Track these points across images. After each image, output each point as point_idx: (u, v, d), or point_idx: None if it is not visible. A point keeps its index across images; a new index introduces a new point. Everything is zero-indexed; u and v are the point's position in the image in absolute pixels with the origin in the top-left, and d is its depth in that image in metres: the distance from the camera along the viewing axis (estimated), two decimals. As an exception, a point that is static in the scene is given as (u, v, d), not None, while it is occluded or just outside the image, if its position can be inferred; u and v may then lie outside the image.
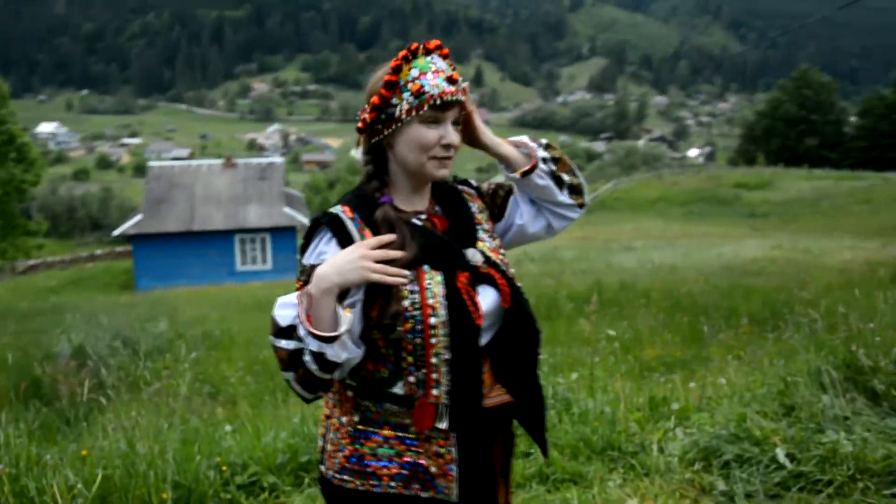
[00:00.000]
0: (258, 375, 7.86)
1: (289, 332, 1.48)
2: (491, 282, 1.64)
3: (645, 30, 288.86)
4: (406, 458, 1.57)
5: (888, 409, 3.94)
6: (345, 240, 1.56)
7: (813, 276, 12.93)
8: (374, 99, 1.59)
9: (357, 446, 1.59)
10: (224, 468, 3.55)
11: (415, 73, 1.56)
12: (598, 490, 3.41)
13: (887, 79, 78.82)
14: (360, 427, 1.60)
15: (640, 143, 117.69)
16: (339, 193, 51.52)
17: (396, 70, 1.57)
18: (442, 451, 1.57)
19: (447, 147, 1.59)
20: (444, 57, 1.62)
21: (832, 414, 3.87)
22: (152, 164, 32.95)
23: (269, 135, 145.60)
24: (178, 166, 32.21)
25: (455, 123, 1.61)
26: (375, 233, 1.58)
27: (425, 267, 1.57)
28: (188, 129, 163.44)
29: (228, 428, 4.25)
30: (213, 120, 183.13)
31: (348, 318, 1.47)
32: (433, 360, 1.53)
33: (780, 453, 3.29)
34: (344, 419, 1.63)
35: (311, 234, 1.61)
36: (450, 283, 1.57)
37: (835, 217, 32.92)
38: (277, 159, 36.62)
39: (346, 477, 1.60)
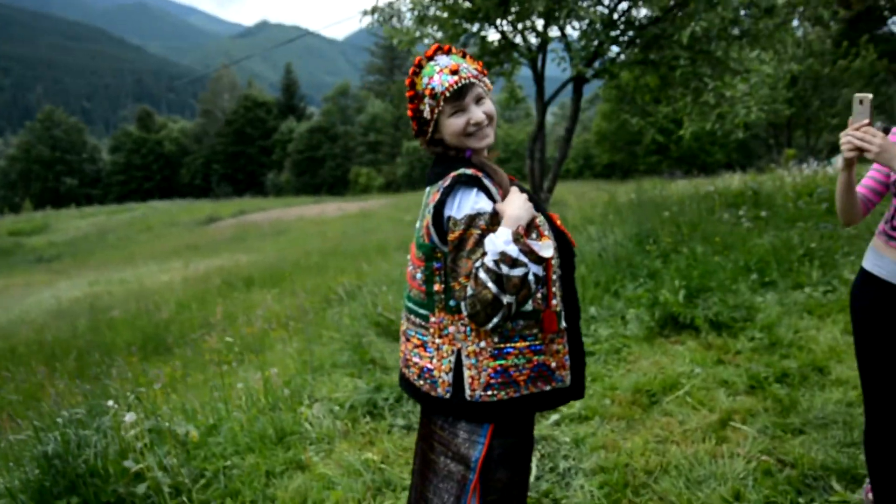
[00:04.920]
0: None
1: (516, 262, 1.76)
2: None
3: None
4: (534, 362, 1.92)
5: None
6: (488, 193, 1.88)
7: (160, 298, 13.81)
8: (409, 112, 2.00)
9: (501, 362, 1.90)
10: None
11: (425, 80, 1.92)
12: None
13: (117, 117, 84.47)
14: (499, 345, 1.89)
15: None
16: None
17: (412, 85, 1.96)
18: (560, 347, 1.97)
19: (477, 124, 1.94)
20: (447, 52, 1.97)
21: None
22: None
23: None
24: None
25: (479, 100, 1.94)
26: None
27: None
28: None
29: None
30: None
31: (552, 243, 1.89)
32: (553, 276, 1.94)
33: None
34: (482, 343, 1.89)
35: (452, 192, 1.87)
36: (549, 221, 2.02)
37: (125, 248, 34.16)
38: None
39: (491, 392, 1.90)
